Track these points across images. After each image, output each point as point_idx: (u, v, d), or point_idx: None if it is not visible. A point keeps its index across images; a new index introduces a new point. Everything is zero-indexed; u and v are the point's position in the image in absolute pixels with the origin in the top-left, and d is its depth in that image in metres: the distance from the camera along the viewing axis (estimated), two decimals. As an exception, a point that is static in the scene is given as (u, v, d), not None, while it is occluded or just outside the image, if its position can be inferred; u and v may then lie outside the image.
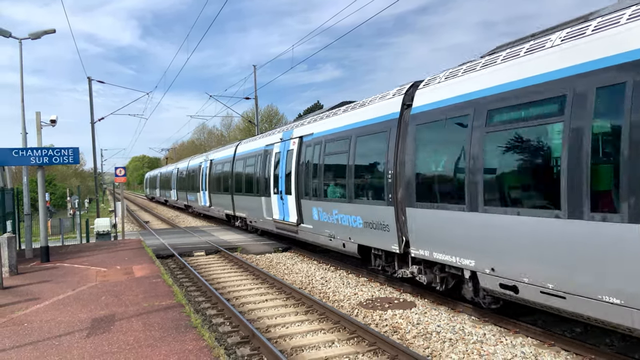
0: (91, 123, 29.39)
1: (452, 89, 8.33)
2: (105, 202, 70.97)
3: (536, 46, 6.88)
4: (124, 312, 8.10)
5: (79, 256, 14.91)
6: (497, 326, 7.97)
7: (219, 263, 15.29)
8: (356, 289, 10.99)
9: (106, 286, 10.21)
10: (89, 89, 29.51)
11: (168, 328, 7.08)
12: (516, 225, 6.71)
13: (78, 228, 21.88)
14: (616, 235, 5.37)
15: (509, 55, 7.34)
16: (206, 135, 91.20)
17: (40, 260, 13.94)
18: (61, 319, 7.79)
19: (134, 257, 14.27)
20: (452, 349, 7.05)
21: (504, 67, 7.27)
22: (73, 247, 17.80)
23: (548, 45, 6.63)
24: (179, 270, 14.23)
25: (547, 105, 6.36)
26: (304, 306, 9.55)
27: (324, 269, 13.57)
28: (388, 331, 8.03)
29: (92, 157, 30.95)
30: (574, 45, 6.15)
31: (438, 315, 8.67)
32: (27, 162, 13.69)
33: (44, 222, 14.30)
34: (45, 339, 6.81)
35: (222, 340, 7.72)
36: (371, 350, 7.03)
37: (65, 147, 13.92)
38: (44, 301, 9.10)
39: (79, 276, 11.48)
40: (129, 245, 17.12)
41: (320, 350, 7.21)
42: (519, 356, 6.65)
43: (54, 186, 49.27)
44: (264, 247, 17.44)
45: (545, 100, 6.38)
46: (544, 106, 6.41)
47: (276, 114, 70.23)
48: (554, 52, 6.44)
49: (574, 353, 6.64)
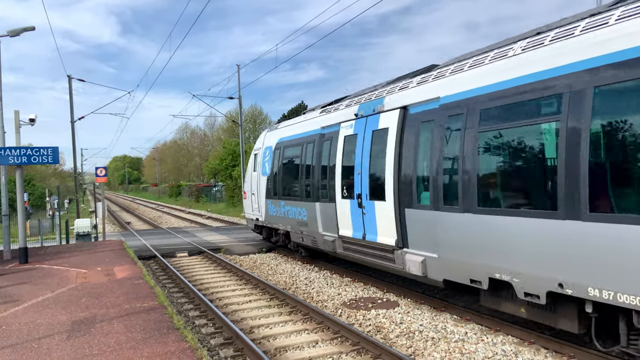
0: (71, 122, 28.91)
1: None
2: (86, 202, 69.92)
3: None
4: (105, 314, 8.00)
5: (59, 257, 14.67)
6: (479, 325, 8.07)
7: (202, 264, 15.19)
8: (340, 289, 11.02)
9: (87, 288, 10.07)
10: (69, 87, 29.04)
11: (150, 330, 7.02)
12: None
13: (57, 229, 21.55)
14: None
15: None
16: (189, 135, 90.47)
17: (18, 262, 13.68)
18: (40, 322, 7.66)
19: (115, 258, 14.09)
20: (434, 348, 7.13)
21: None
22: (52, 248, 17.50)
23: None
24: (162, 271, 14.10)
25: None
26: (287, 307, 9.54)
27: (307, 269, 13.58)
28: (371, 331, 8.07)
29: (72, 157, 30.49)
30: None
31: (421, 315, 8.75)
32: (5, 162, 13.42)
33: (22, 222, 14.03)
34: (24, 342, 6.69)
35: (205, 341, 7.68)
36: (355, 350, 7.07)
37: (45, 147, 13.69)
38: (23, 303, 8.93)
39: (58, 278, 11.29)
40: (110, 247, 16.89)
41: (304, 350, 7.22)
42: (499, 354, 6.75)
43: (32, 186, 48.41)
44: (247, 248, 17.37)
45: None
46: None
47: (260, 113, 70.02)
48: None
49: (554, 351, 6.77)
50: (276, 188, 14.83)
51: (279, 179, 14.64)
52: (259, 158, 16.56)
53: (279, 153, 14.78)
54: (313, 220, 12.47)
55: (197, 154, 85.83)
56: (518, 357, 6.64)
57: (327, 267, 13.41)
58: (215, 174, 54.17)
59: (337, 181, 11.13)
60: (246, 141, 52.95)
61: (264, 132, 17.10)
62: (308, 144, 12.90)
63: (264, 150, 16.25)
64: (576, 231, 5.76)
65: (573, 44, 6.09)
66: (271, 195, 15.23)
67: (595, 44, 5.73)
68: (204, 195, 56.14)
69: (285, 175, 14.34)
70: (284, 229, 14.64)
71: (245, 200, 18.47)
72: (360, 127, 10.44)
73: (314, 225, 12.47)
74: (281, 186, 14.47)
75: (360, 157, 10.25)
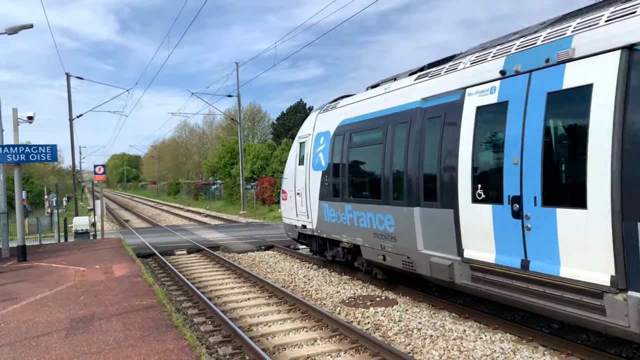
0: (69, 120, 28.88)
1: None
2: (84, 200, 69.86)
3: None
4: (103, 311, 7.99)
5: (57, 255, 14.65)
6: (477, 322, 8.08)
7: (200, 262, 15.19)
8: (339, 287, 11.03)
9: (85, 286, 10.06)
10: (67, 85, 29.01)
11: (149, 328, 7.01)
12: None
13: (56, 227, 21.52)
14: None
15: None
16: (188, 133, 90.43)
17: (17, 260, 13.65)
18: (39, 319, 7.65)
19: (113, 256, 14.08)
20: (432, 346, 7.14)
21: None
22: (51, 246, 17.48)
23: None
24: (160, 269, 14.10)
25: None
26: (286, 304, 9.55)
27: (306, 267, 13.59)
28: (370, 329, 8.08)
29: (71, 155, 30.42)
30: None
31: (419, 313, 8.76)
32: (3, 160, 13.38)
33: (20, 220, 14.01)
34: (22, 340, 6.68)
35: (204, 339, 7.69)
36: (353, 348, 7.07)
37: (43, 145, 13.64)
38: (21, 301, 8.92)
39: (57, 276, 11.29)
40: (108, 244, 16.88)
41: (303, 348, 7.23)
42: (498, 352, 6.76)
43: (31, 184, 48.32)
44: (246, 246, 17.37)
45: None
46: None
47: (259, 111, 69.99)
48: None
49: (552, 348, 6.78)
50: (338, 186, 11.23)
51: (343, 174, 11.02)
52: (308, 147, 12.94)
53: (342, 140, 11.20)
54: (407, 232, 8.93)
55: (196, 152, 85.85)
56: (516, 354, 6.65)
57: (326, 265, 13.42)
58: (213, 172, 54.16)
59: (461, 176, 7.63)
60: (245, 139, 52.88)
61: (314, 114, 13.35)
62: (397, 124, 9.25)
63: (315, 138, 12.62)
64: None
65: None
66: (329, 196, 11.66)
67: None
68: (202, 193, 56.15)
69: (353, 169, 10.78)
70: (349, 241, 11.05)
71: (285, 202, 14.57)
72: (516, 90, 6.83)
73: (407, 240, 8.93)
74: (347, 184, 10.89)
75: (518, 136, 6.70)
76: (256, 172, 41.62)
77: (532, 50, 6.73)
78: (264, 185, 37.30)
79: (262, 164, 42.47)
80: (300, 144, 13.63)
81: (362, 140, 10.48)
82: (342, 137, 11.19)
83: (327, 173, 11.78)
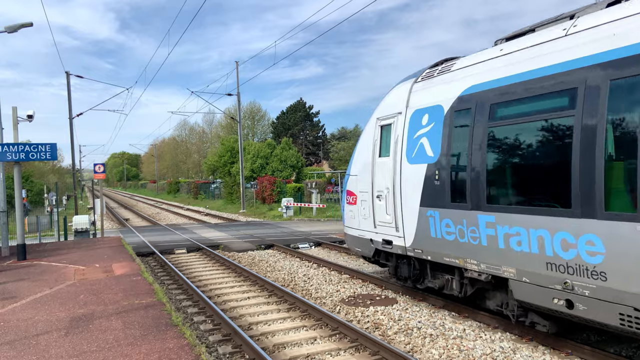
0: (69, 118, 28.88)
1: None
2: (84, 199, 69.87)
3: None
4: (103, 310, 7.99)
5: (57, 254, 14.65)
6: (477, 322, 8.09)
7: (200, 261, 15.19)
8: (338, 285, 11.03)
9: (85, 284, 10.06)
10: (67, 83, 28.99)
11: (148, 326, 7.01)
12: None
13: (56, 225, 21.52)
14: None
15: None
16: (187, 132, 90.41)
17: (16, 259, 13.65)
18: (39, 318, 7.65)
19: (113, 255, 14.08)
20: (432, 345, 7.14)
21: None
22: (51, 245, 17.47)
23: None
24: (160, 268, 14.10)
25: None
26: (286, 303, 9.55)
27: (306, 266, 13.59)
28: (370, 328, 8.08)
29: (71, 154, 30.43)
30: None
31: (419, 312, 8.76)
32: (3, 158, 13.37)
33: (20, 219, 14.01)
34: (22, 338, 6.68)
35: (204, 338, 7.68)
36: (353, 347, 7.07)
37: (43, 143, 13.64)
38: (21, 300, 8.92)
39: (56, 274, 11.29)
40: (108, 243, 16.88)
41: (303, 347, 7.23)
42: (497, 351, 6.76)
43: (30, 183, 48.29)
44: (246, 245, 17.37)
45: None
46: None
47: (259, 110, 70.01)
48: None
49: (551, 347, 6.78)
50: (463, 186, 7.52)
51: (477, 168, 7.26)
52: (398, 131, 9.19)
53: (472, 115, 7.48)
54: (635, 265, 5.21)
55: (196, 151, 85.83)
56: (516, 354, 6.65)
57: (326, 264, 13.42)
58: (213, 170, 54.12)
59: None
60: (245, 138, 52.86)
61: (406, 84, 9.48)
62: (613, 80, 5.48)
63: (412, 117, 8.92)
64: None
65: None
66: (441, 201, 7.97)
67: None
68: (202, 192, 56.16)
69: (501, 159, 7.01)
70: (483, 270, 7.29)
71: (353, 207, 10.80)
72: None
73: (636, 279, 5.21)
74: (484, 182, 7.13)
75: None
76: (256, 171, 41.62)
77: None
78: (263, 184, 37.30)
79: (262, 163, 42.47)
80: (381, 127, 9.83)
81: (523, 113, 6.69)
82: (473, 111, 7.48)
83: (439, 167, 8.10)
